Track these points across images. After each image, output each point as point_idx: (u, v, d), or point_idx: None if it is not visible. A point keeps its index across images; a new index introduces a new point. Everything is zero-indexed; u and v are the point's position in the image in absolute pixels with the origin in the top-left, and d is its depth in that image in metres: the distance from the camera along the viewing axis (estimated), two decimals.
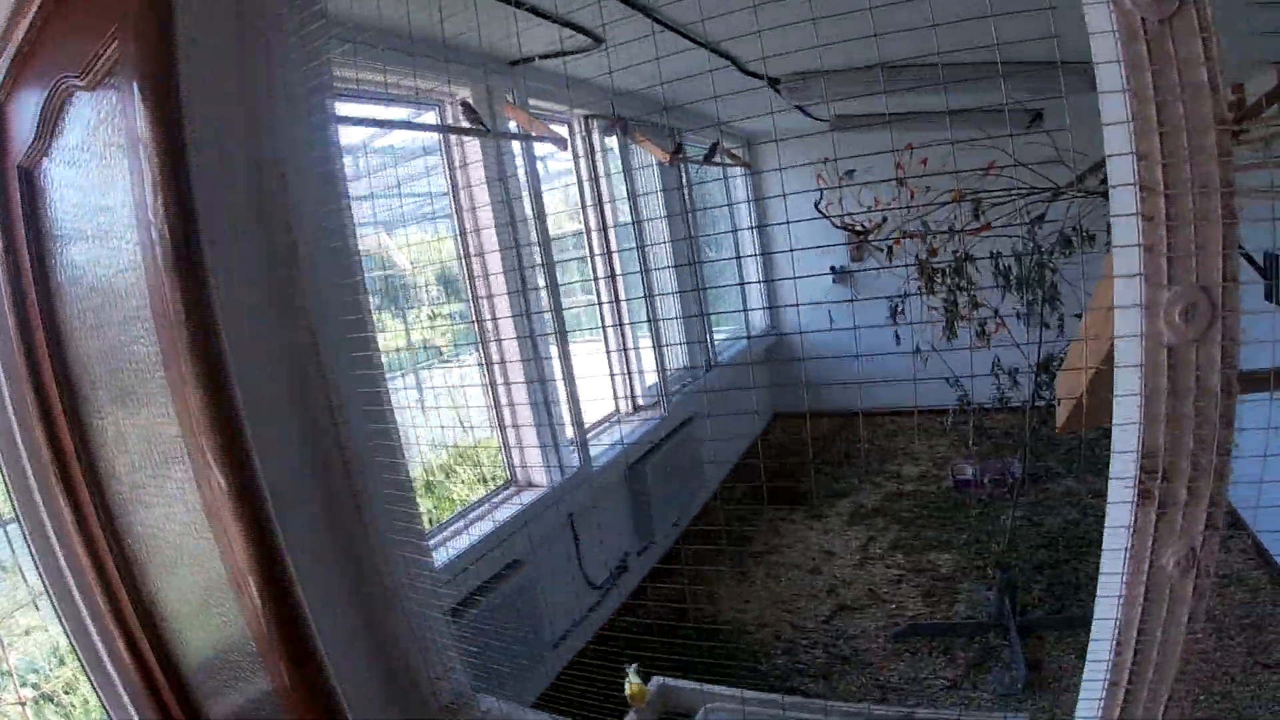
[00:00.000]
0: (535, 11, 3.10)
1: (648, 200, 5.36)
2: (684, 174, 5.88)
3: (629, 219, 5.21)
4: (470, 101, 3.59)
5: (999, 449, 5.04)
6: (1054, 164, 3.16)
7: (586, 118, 4.76)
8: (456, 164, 3.86)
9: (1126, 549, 1.26)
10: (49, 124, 1.89)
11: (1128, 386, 1.20)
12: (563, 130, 4.62)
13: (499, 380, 4.07)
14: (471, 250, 3.96)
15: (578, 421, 4.47)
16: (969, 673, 3.47)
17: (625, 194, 5.16)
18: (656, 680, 2.51)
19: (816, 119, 5.70)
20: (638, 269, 5.25)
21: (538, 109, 4.43)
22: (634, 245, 5.21)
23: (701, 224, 6.79)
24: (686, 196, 5.89)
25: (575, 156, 4.80)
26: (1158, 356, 1.14)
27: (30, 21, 1.76)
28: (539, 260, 4.22)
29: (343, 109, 3.22)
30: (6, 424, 2.14)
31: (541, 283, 4.21)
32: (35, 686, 2.46)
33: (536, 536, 3.80)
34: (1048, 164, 3.18)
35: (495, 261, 3.91)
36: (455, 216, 3.91)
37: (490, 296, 3.97)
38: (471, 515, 3.73)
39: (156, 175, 1.46)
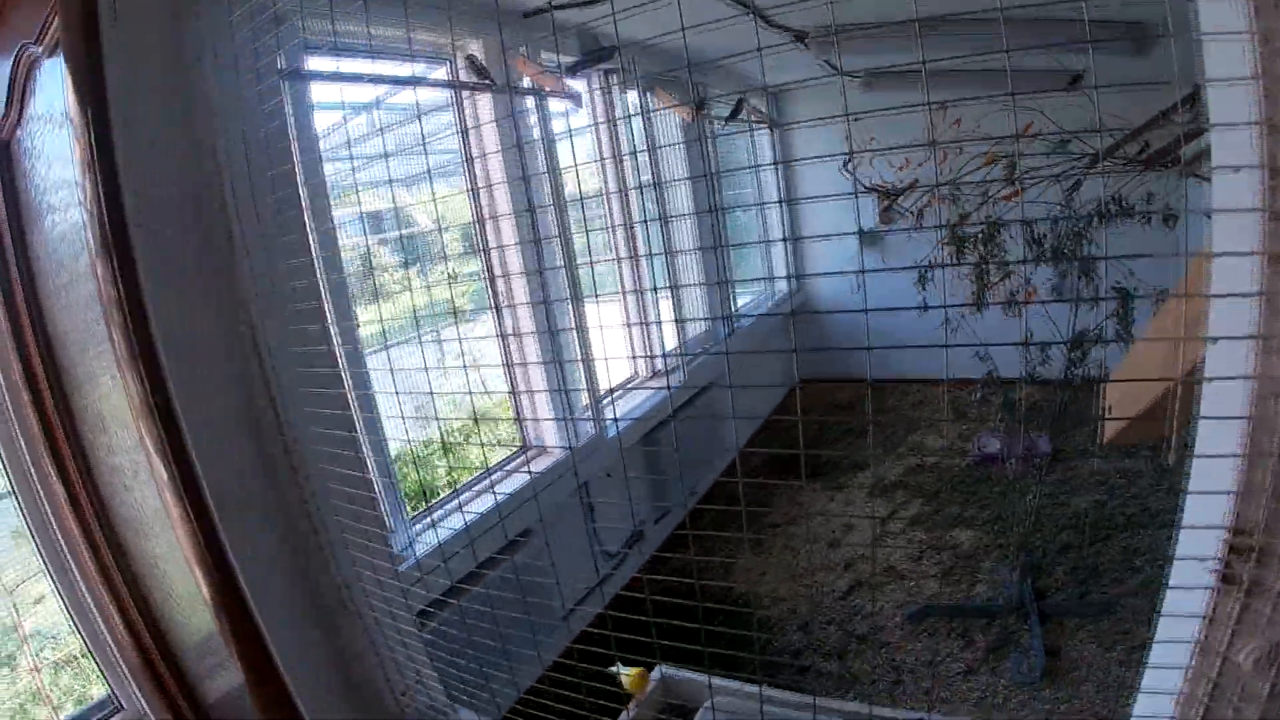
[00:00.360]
0: None
1: (668, 159, 5.18)
2: (706, 132, 5.68)
3: (649, 178, 5.04)
4: (477, 56, 3.44)
5: (1027, 424, 4.87)
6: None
7: (605, 72, 4.57)
8: (469, 122, 3.72)
9: (1196, 641, 1.00)
10: (17, 94, 1.81)
11: (1219, 444, 0.91)
12: (579, 85, 4.46)
13: (512, 343, 3.98)
14: (484, 210, 3.84)
15: (592, 387, 4.37)
16: (987, 657, 3.35)
17: (644, 152, 4.98)
18: (659, 670, 2.40)
19: (847, 75, 5.48)
20: (657, 230, 5.10)
21: (553, 64, 4.27)
22: (653, 204, 5.05)
23: (725, 184, 6.59)
24: (709, 155, 5.71)
25: (593, 113, 4.64)
26: (1272, 409, 0.84)
27: None
28: (553, 221, 4.09)
29: (351, 65, 3.11)
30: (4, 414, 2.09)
31: (556, 244, 4.09)
32: (52, 651, 2.44)
33: (549, 505, 3.71)
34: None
35: (508, 222, 3.79)
36: (467, 174, 3.78)
37: (504, 258, 3.85)
38: (483, 483, 3.65)
39: (85, 154, 1.36)
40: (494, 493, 3.16)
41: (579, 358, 4.25)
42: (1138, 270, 3.15)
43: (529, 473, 3.77)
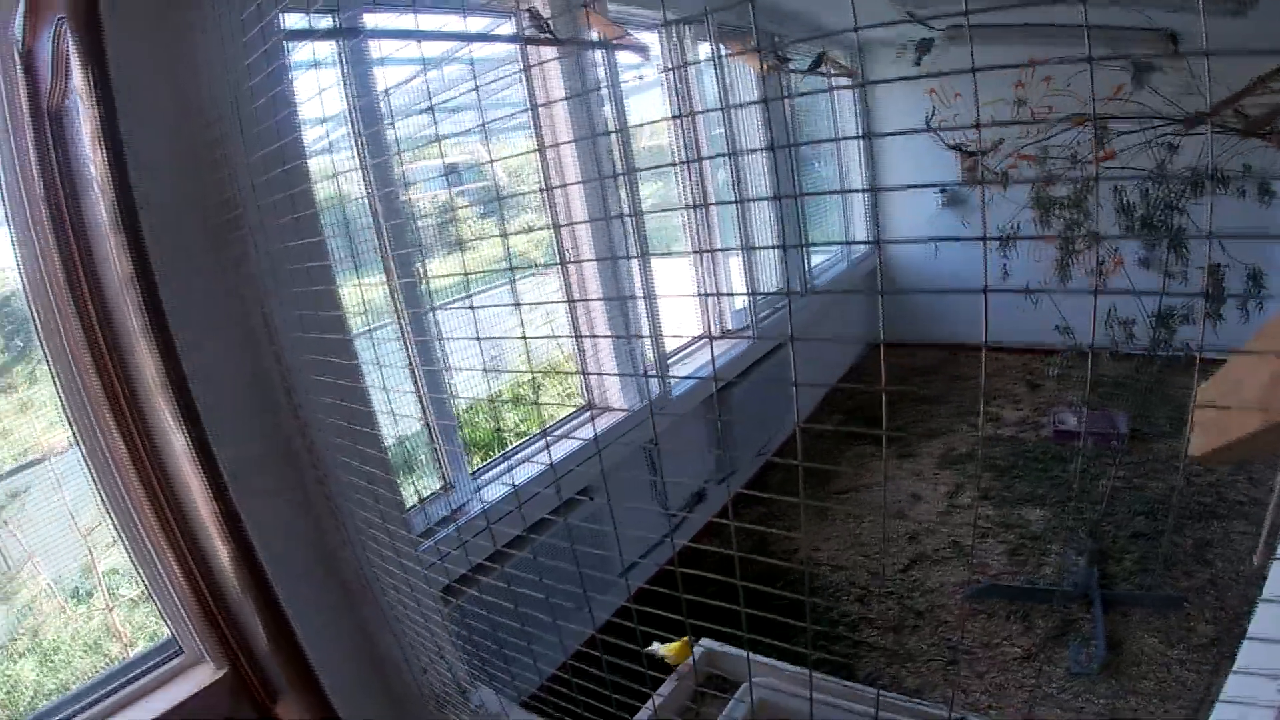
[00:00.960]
0: None
1: (742, 114, 5.03)
2: (784, 86, 5.49)
3: (721, 133, 4.91)
4: (538, 8, 3.36)
5: (1106, 399, 4.64)
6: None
7: (677, 23, 4.44)
8: (535, 76, 3.67)
9: None
10: (60, 65, 1.81)
11: None
12: (650, 39, 4.35)
13: (578, 298, 3.95)
14: (551, 164, 3.80)
15: (658, 344, 4.32)
16: (1046, 644, 3.24)
17: (717, 106, 4.85)
18: (703, 644, 2.37)
19: (933, 28, 5.22)
20: (729, 186, 4.98)
21: (624, 14, 4.17)
22: (726, 160, 4.92)
23: (802, 139, 6.38)
24: (786, 111, 5.52)
25: (664, 66, 4.53)
26: None
27: None
28: (621, 176, 4.01)
29: (414, 21, 3.07)
30: (65, 359, 2.15)
31: (624, 198, 4.02)
32: (129, 588, 2.55)
33: (612, 462, 3.69)
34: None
35: (574, 176, 3.74)
36: (534, 128, 3.74)
37: (570, 212, 3.81)
38: (544, 439, 3.66)
39: (94, 126, 1.35)
40: (549, 446, 3.14)
41: (646, 315, 4.20)
42: (1230, 246, 2.95)
43: (587, 435, 3.74)
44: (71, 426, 2.28)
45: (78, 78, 1.39)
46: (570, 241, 3.88)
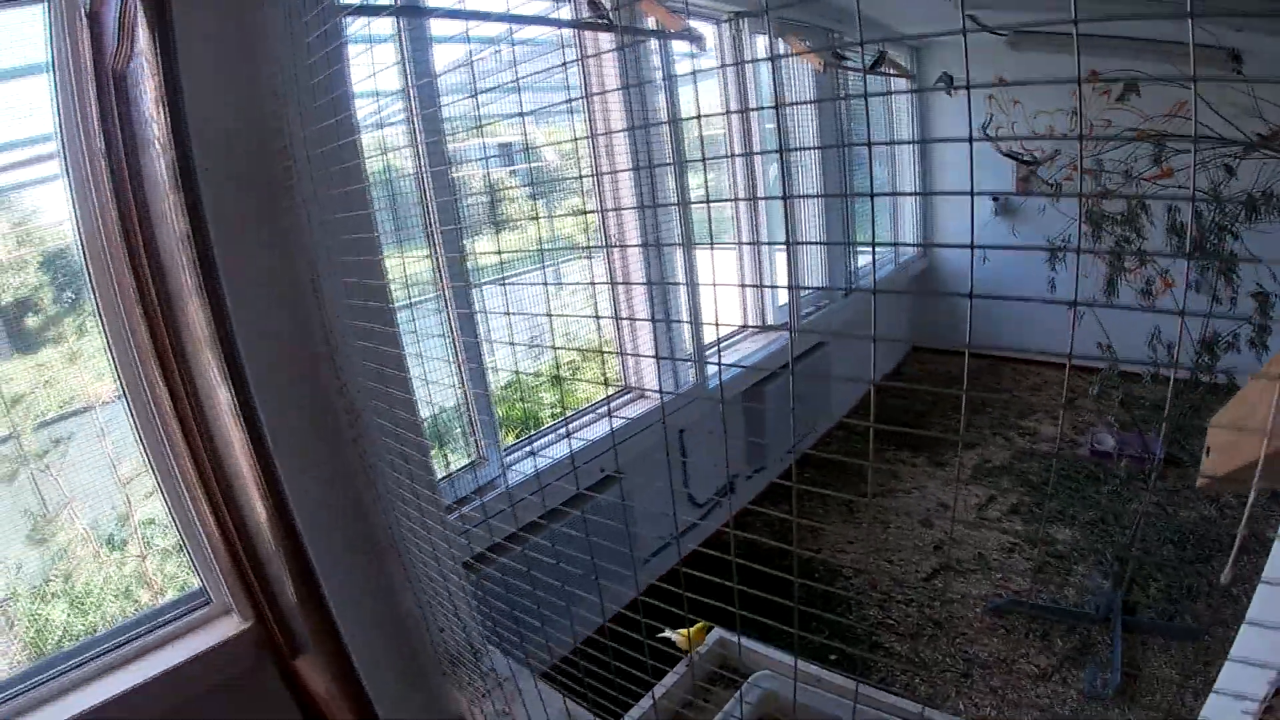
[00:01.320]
0: None
1: (797, 110, 5.00)
2: (839, 84, 5.44)
3: (774, 126, 4.89)
4: None
5: (1144, 422, 4.56)
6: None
7: (735, 15, 4.43)
8: (589, 60, 3.69)
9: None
10: (127, 29, 1.87)
11: None
12: (707, 30, 4.34)
13: (620, 284, 3.97)
14: (601, 149, 3.83)
15: (697, 335, 4.33)
16: (1062, 664, 3.22)
17: (772, 101, 4.82)
18: (716, 633, 2.38)
19: (994, 32, 5.14)
20: (779, 180, 4.96)
21: (682, 4, 4.16)
22: (777, 154, 4.90)
23: (857, 138, 6.32)
24: (842, 109, 5.47)
25: (720, 59, 4.52)
26: None
27: None
28: (670, 164, 4.02)
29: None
30: (117, 312, 2.23)
31: (671, 187, 4.02)
32: (162, 539, 2.64)
33: (641, 448, 3.72)
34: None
35: (625, 162, 3.76)
36: (587, 114, 3.77)
37: (618, 197, 3.83)
38: (578, 420, 3.71)
39: (157, 87, 1.40)
40: (569, 436, 3.18)
41: (686, 304, 4.22)
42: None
43: (611, 418, 3.77)
44: (118, 378, 2.36)
45: (143, 40, 1.44)
46: (616, 227, 3.90)
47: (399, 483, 1.87)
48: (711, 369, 4.50)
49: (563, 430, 3.47)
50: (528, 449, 3.37)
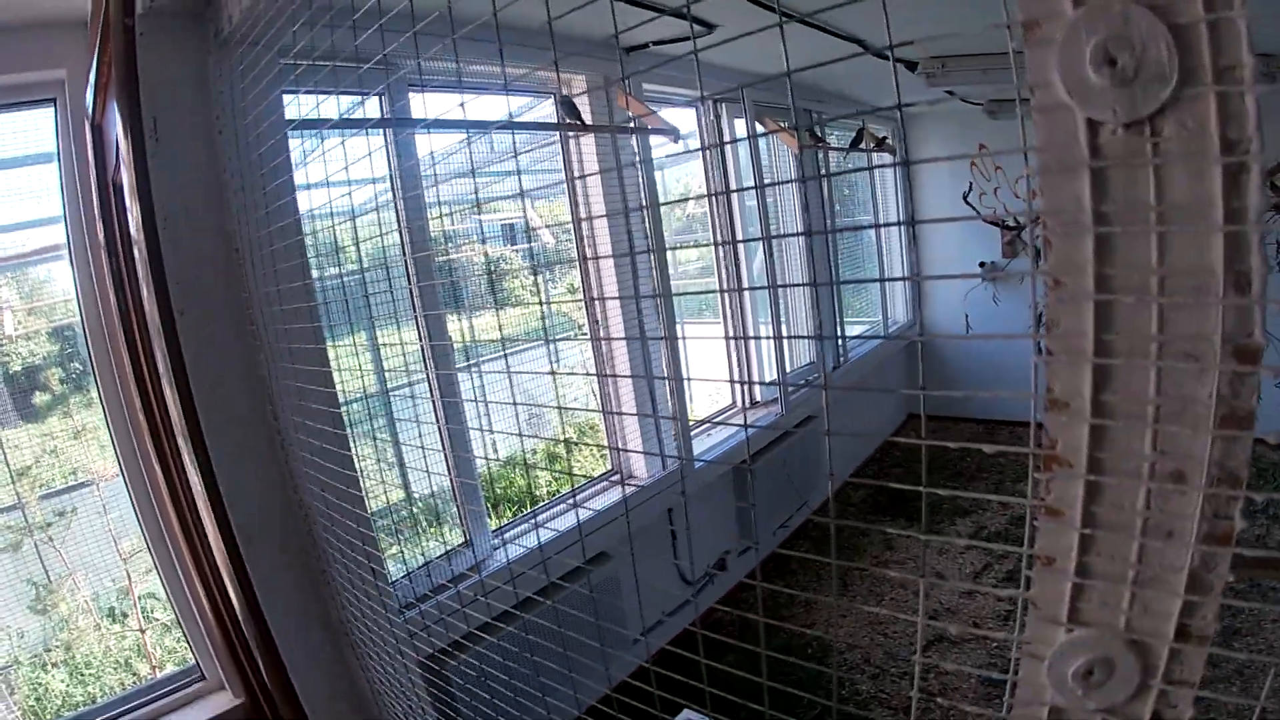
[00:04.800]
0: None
1: (778, 189, 5.09)
2: (820, 163, 5.53)
3: (755, 206, 4.97)
4: (569, 96, 3.50)
5: None
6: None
7: (713, 101, 4.54)
8: (571, 153, 3.81)
9: None
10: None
11: None
12: (686, 115, 4.47)
13: (605, 367, 4.02)
14: (585, 236, 3.92)
15: (682, 415, 4.36)
16: None
17: (752, 181, 4.91)
18: (685, 716, 2.37)
19: (970, 103, 5.24)
20: (761, 262, 5.03)
21: (659, 93, 4.28)
22: (759, 235, 4.98)
23: (840, 212, 6.39)
24: (824, 187, 5.54)
25: (701, 141, 4.62)
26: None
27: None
28: (650, 251, 4.09)
29: (451, 100, 3.23)
30: (115, 392, 2.34)
31: (653, 275, 4.09)
32: (162, 612, 2.70)
33: (623, 532, 3.72)
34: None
35: (606, 249, 3.84)
36: (570, 202, 3.88)
37: (600, 284, 3.92)
38: (565, 503, 3.72)
39: (130, 181, 1.50)
40: (536, 528, 3.21)
41: (670, 387, 4.25)
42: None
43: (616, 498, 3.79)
44: (118, 455, 2.46)
45: (121, 142, 1.55)
46: (600, 312, 3.97)
47: (350, 581, 1.91)
48: (703, 445, 4.53)
49: (523, 528, 3.50)
50: (499, 540, 3.38)
